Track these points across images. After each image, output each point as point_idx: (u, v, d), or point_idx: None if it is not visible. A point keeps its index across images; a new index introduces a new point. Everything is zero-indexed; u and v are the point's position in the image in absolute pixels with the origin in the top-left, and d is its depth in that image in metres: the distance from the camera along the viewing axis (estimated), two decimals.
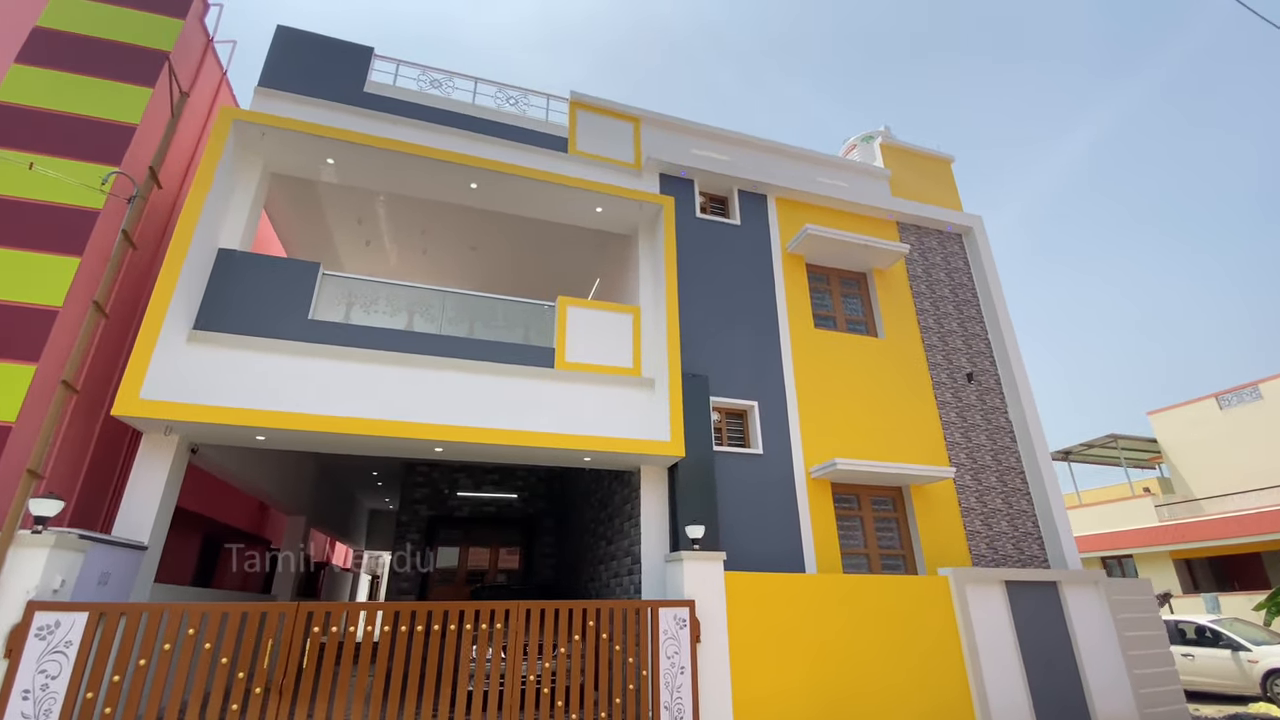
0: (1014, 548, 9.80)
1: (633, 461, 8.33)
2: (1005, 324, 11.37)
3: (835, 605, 7.31)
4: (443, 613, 5.37)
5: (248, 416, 6.67)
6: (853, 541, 9.13)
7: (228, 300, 7.39)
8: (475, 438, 7.41)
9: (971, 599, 7.88)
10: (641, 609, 6.11)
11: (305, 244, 11.79)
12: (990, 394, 10.93)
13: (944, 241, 12.19)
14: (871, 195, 11.78)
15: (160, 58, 7.39)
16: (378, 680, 5.18)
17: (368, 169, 8.72)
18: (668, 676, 5.94)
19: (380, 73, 9.65)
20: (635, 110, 10.75)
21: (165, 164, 7.69)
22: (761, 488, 8.76)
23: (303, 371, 7.25)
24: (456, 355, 7.86)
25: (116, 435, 7.13)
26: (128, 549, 6.07)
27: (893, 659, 7.28)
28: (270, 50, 8.92)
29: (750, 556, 8.25)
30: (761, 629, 6.79)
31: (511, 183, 9.09)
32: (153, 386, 6.44)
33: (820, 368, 9.90)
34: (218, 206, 7.61)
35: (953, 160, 13.30)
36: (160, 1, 7.69)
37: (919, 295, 11.35)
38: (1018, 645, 7.88)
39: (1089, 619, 8.46)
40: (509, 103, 10.06)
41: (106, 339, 7.02)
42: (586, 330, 8.64)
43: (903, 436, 9.88)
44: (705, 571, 6.62)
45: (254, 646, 5.03)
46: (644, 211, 9.66)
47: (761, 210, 10.96)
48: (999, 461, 10.37)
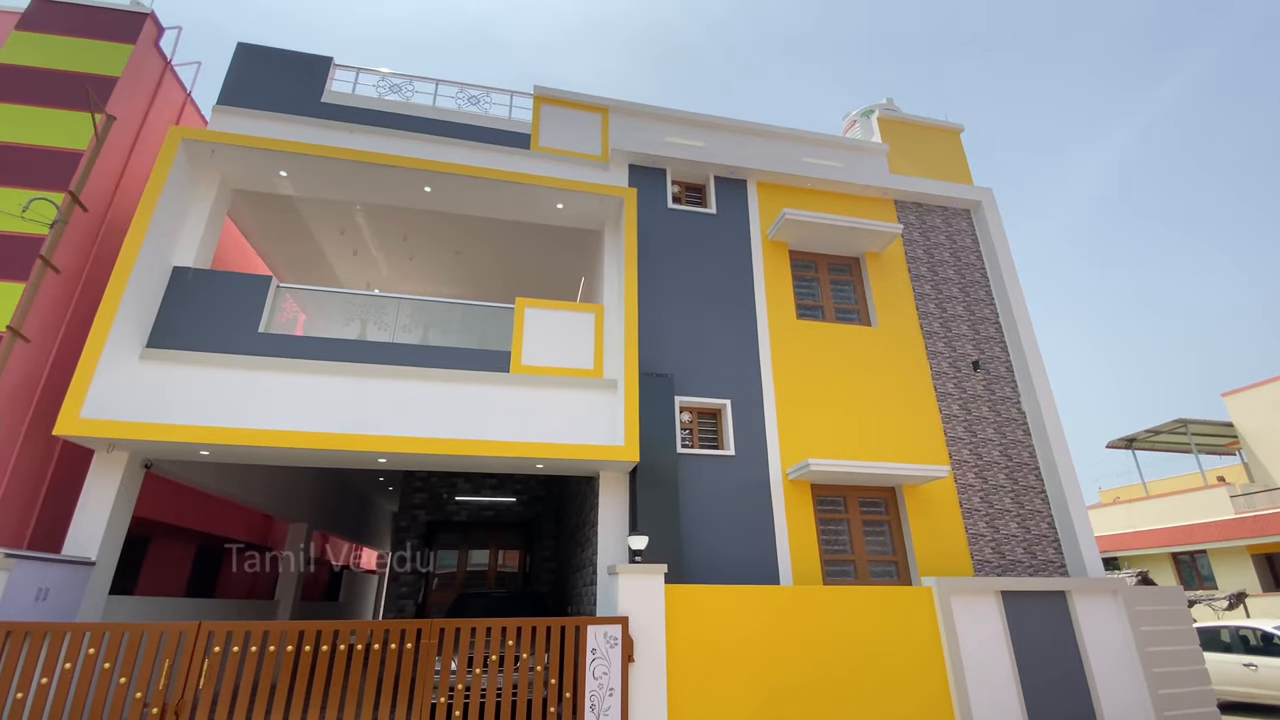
0: (1025, 552, 8.91)
1: (590, 467, 8.01)
2: (1018, 306, 10.38)
3: (797, 621, 6.76)
4: (350, 631, 5.21)
5: (189, 433, 6.73)
6: (838, 548, 8.51)
7: (181, 317, 7.49)
8: (419, 448, 7.25)
9: (959, 612, 7.16)
10: (568, 626, 5.78)
11: (295, 260, 11.99)
12: (1000, 383, 10.00)
13: (949, 219, 11.25)
14: (866, 174, 10.99)
15: (110, 83, 7.57)
16: (279, 699, 5.07)
17: (321, 179, 8.71)
18: (594, 699, 5.60)
19: (342, 81, 9.65)
20: (604, 100, 10.37)
21: (122, 186, 7.88)
22: (733, 492, 8.27)
23: (249, 386, 7.27)
24: (405, 363, 7.72)
25: (79, 455, 7.35)
26: (71, 565, 6.22)
27: (863, 680, 6.67)
28: (230, 68, 9.03)
29: (719, 566, 7.79)
30: (708, 648, 6.34)
31: (467, 184, 8.89)
32: (97, 405, 6.57)
33: (803, 362, 9.28)
34: (170, 226, 7.73)
35: (961, 130, 12.27)
36: (111, 29, 7.88)
37: (919, 279, 10.50)
38: (1014, 664, 7.11)
39: (1104, 633, 7.57)
40: (470, 102, 9.87)
41: (67, 360, 7.24)
42: (546, 332, 8.35)
43: (896, 433, 9.14)
44: (642, 585, 6.22)
45: (170, 667, 5.01)
46: (608, 206, 9.28)
47: (741, 197, 10.38)
48: (1009, 457, 9.47)
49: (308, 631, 5.22)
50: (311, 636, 5.21)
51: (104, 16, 7.94)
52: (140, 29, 8.00)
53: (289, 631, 5.19)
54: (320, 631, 5.25)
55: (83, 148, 7.22)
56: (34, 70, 7.43)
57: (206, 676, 4.97)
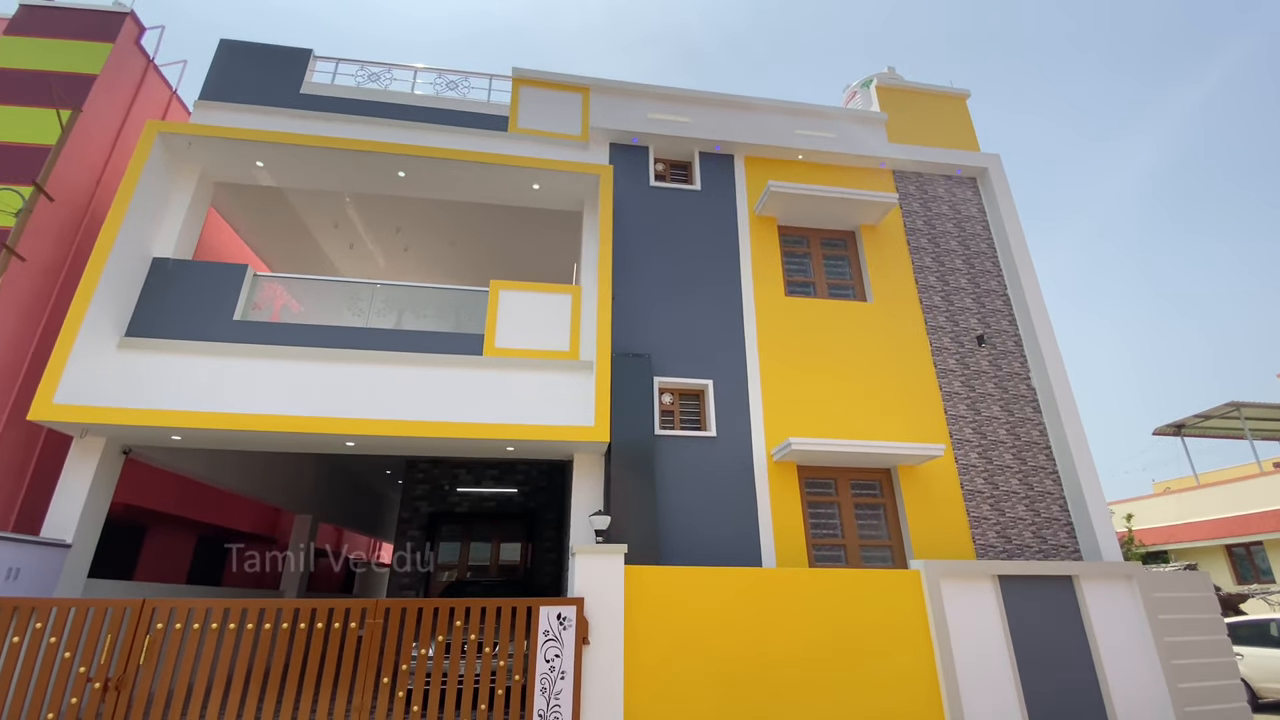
0: (1034, 536, 8.33)
1: (563, 449, 7.82)
2: (1027, 277, 9.75)
3: (769, 605, 6.41)
4: (293, 610, 5.14)
5: (158, 417, 6.80)
6: (827, 532, 8.10)
7: (160, 307, 7.61)
8: (386, 430, 7.18)
9: (950, 597, 6.69)
10: (519, 607, 5.59)
11: (294, 257, 12.17)
12: (1008, 358, 9.39)
13: (953, 188, 10.66)
14: (862, 144, 10.50)
15: (88, 81, 7.75)
16: (221, 677, 5.03)
17: (297, 168, 8.74)
18: (545, 682, 5.39)
19: (323, 73, 9.71)
20: (585, 80, 10.17)
21: (104, 181, 8.06)
22: (714, 474, 7.95)
23: (223, 372, 7.32)
24: (377, 348, 7.68)
25: (62, 442, 7.53)
26: (46, 546, 6.35)
27: (841, 669, 6.28)
28: (212, 64, 9.18)
29: (698, 550, 7.50)
30: (672, 632, 6.05)
31: (440, 167, 8.80)
32: (71, 391, 6.69)
33: (791, 340, 8.89)
34: (150, 218, 7.87)
35: (967, 95, 11.62)
36: (91, 29, 8.08)
37: (918, 251, 9.97)
38: (1012, 655, 6.61)
39: (1116, 621, 6.98)
40: (449, 88, 9.81)
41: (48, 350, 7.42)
42: (521, 314, 8.19)
43: (892, 411, 8.67)
44: (600, 566, 5.98)
45: (114, 643, 5.03)
46: (584, 185, 9.07)
47: (728, 172, 10.04)
48: (1016, 436, 8.88)
49: (250, 609, 5.17)
50: (255, 615, 5.16)
51: (84, 18, 8.15)
52: (119, 28, 8.19)
53: (232, 609, 5.15)
54: (264, 610, 5.19)
55: (51, 143, 7.41)
56: (15, 72, 7.66)
57: (148, 652, 4.96)
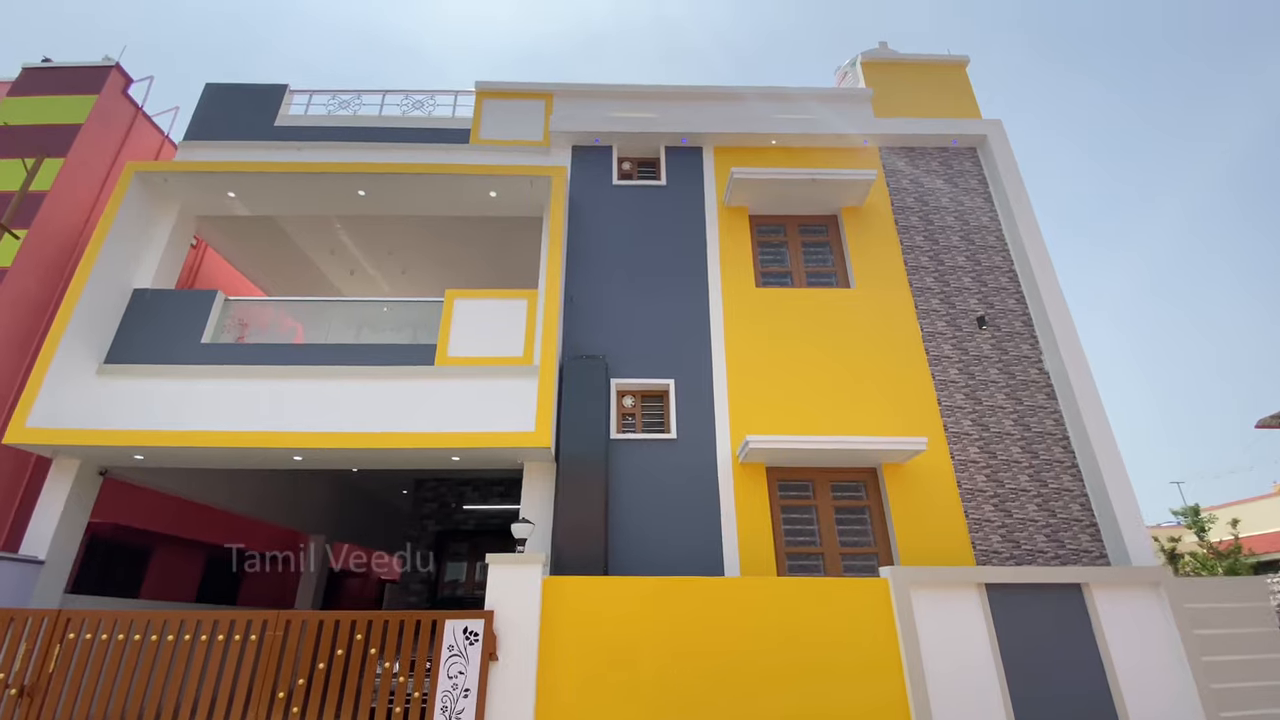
0: (1049, 539, 7.28)
1: (509, 457, 7.55)
2: (1035, 250, 8.73)
3: (711, 620, 5.82)
4: (179, 622, 5.10)
5: (122, 437, 7.09)
6: (803, 539, 7.39)
7: (137, 334, 8.01)
8: (332, 443, 7.18)
9: (922, 610, 5.86)
10: (424, 620, 5.32)
11: (299, 285, 12.68)
12: (1015, 340, 8.39)
13: (950, 160, 9.77)
14: (844, 122, 9.83)
15: (73, 131, 8.39)
16: (139, 689, 5.03)
17: (266, 195, 9.07)
18: (446, 700, 5.07)
19: (298, 105, 10.13)
20: (547, 86, 10.11)
21: (91, 221, 8.66)
22: (673, 479, 7.46)
23: (187, 392, 7.57)
24: (331, 363, 7.74)
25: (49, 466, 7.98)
26: (16, 563, 6.69)
27: (792, 693, 5.60)
28: (197, 106, 9.78)
29: (655, 560, 7.01)
30: (597, 648, 5.58)
31: (399, 183, 8.90)
32: (47, 415, 7.09)
33: (762, 334, 8.30)
34: (131, 252, 8.35)
35: (966, 62, 10.70)
36: (78, 84, 8.78)
37: (908, 230, 9.15)
38: (1002, 678, 5.69)
39: (1137, 637, 5.91)
40: (415, 107, 9.99)
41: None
42: (475, 322, 8.07)
43: (874, 404, 7.89)
44: (514, 577, 5.62)
45: (30, 652, 5.15)
46: (540, 190, 8.92)
47: (696, 165, 9.63)
48: (1025, 427, 7.85)
49: (154, 621, 5.17)
50: (159, 626, 5.15)
51: (75, 74, 8.89)
52: (105, 80, 8.85)
53: (137, 620, 5.18)
54: (167, 621, 5.19)
55: (45, 188, 8.02)
56: (15, 128, 8.40)
57: (59, 660, 5.04)
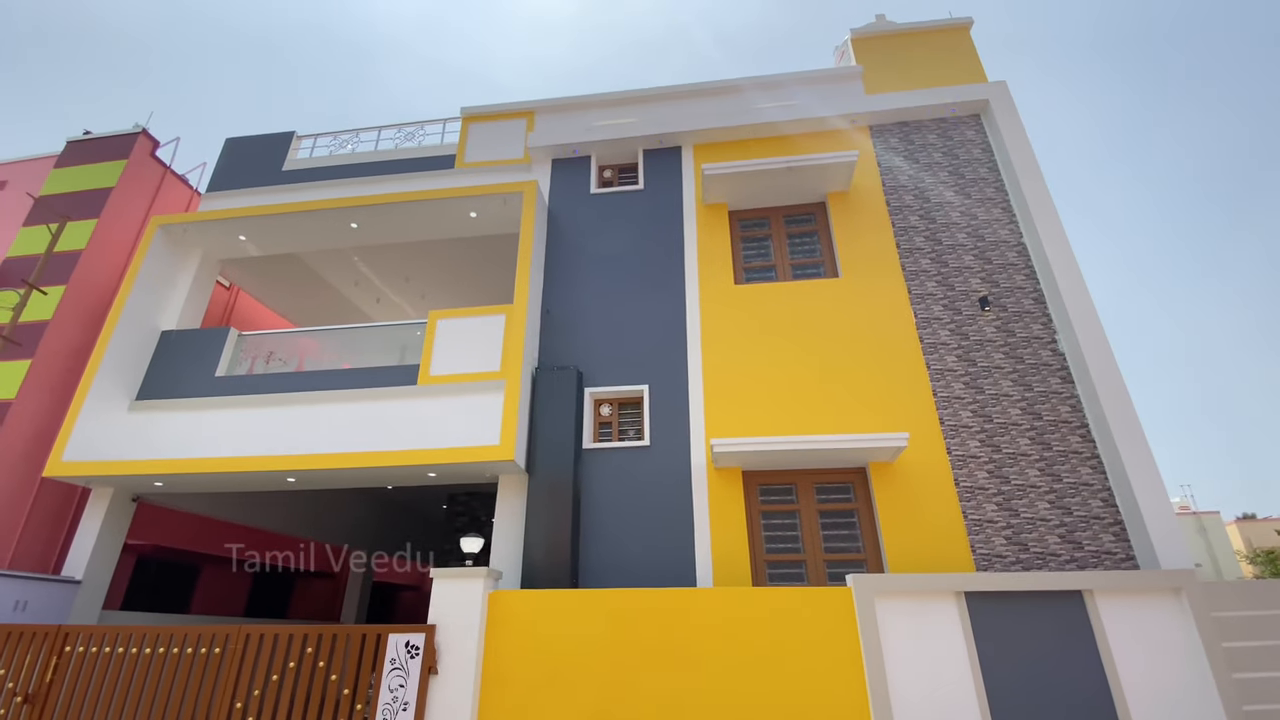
0: (1063, 541, 6.49)
1: (484, 471, 7.63)
2: (1046, 220, 7.89)
3: (664, 635, 5.60)
4: (128, 636, 5.50)
5: (143, 467, 7.79)
6: (785, 546, 7.00)
7: (163, 372, 8.82)
8: (320, 464, 7.56)
9: (887, 622, 5.37)
10: (369, 634, 5.45)
11: (326, 314, 13.48)
12: (1024, 320, 7.60)
13: (949, 131, 9.05)
14: (830, 104, 9.34)
15: (105, 195, 9.39)
16: (133, 699, 5.47)
17: (272, 235, 9.74)
18: (386, 713, 5.15)
19: (305, 149, 10.84)
20: (528, 104, 10.27)
21: (125, 273, 9.61)
22: (646, 487, 7.29)
23: (199, 423, 8.23)
24: (323, 388, 8.18)
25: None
26: (56, 583, 7.48)
27: (744, 708, 5.27)
28: (218, 161, 10.68)
29: (626, 572, 6.88)
30: (542, 664, 5.49)
31: (385, 212, 9.30)
32: (82, 449, 7.93)
33: (740, 332, 7.99)
34: (158, 298, 9.23)
35: (969, 24, 9.90)
36: (109, 151, 9.82)
37: (902, 211, 8.53)
38: (983, 701, 5.11)
39: (1150, 652, 5.14)
40: (406, 139, 10.43)
41: None
42: (457, 340, 8.28)
43: (862, 398, 7.38)
44: (457, 590, 5.64)
45: (34, 664, 5.73)
46: (514, 206, 9.05)
47: (674, 166, 9.45)
48: (1036, 415, 7.08)
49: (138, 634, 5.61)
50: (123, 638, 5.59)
51: (109, 142, 9.95)
52: (133, 146, 9.85)
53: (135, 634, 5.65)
54: (146, 635, 5.61)
55: (80, 247, 9.01)
56: (58, 196, 9.50)
57: (56, 671, 5.57)
